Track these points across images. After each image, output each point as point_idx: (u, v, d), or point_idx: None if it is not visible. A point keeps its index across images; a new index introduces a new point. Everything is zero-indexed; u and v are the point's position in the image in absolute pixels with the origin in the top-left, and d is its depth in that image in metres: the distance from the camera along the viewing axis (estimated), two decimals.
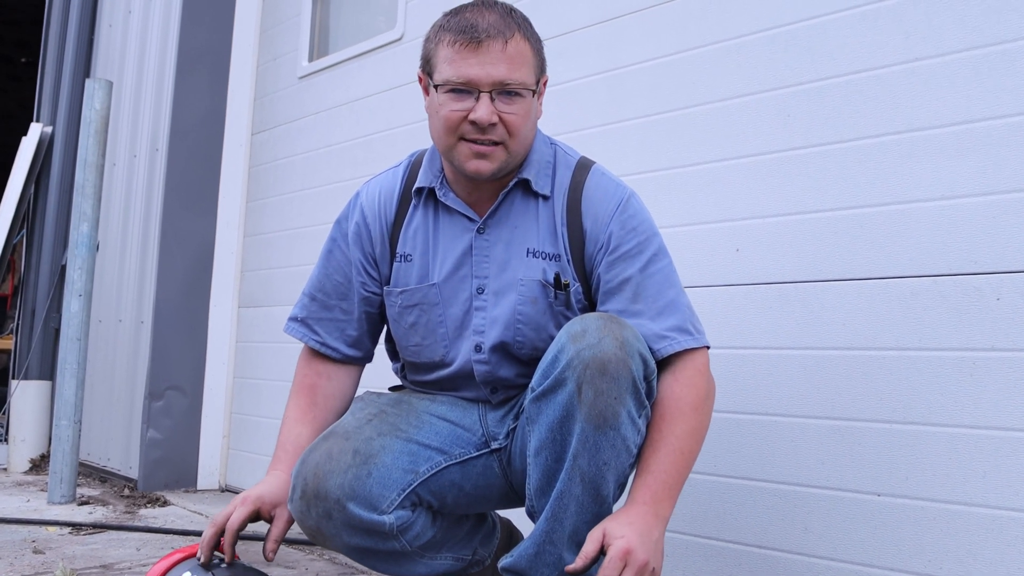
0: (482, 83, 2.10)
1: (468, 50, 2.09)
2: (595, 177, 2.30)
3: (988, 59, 2.34)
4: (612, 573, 1.88)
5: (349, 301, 2.41)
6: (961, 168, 2.35)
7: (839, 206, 2.57)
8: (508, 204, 2.28)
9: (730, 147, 2.83)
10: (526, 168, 2.26)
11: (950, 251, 2.36)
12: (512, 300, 2.25)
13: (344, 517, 2.10)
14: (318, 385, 2.43)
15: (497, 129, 2.13)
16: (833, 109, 2.61)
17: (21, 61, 13.00)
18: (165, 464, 4.81)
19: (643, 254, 2.20)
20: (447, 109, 2.14)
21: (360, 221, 2.39)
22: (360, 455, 2.14)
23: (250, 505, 2.19)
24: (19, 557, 3.20)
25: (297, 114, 4.84)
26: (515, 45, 2.11)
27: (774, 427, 2.65)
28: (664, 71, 3.05)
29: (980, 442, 2.27)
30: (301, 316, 2.46)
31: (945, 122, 2.39)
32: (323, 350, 2.43)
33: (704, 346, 2.17)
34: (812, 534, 2.54)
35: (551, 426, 2.00)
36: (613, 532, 1.93)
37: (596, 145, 3.15)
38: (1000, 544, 2.22)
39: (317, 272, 2.46)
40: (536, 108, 2.22)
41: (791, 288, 2.65)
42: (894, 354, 2.43)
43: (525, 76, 2.13)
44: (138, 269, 5.09)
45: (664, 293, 2.18)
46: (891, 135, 2.49)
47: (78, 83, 5.80)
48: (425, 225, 2.33)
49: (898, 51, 2.50)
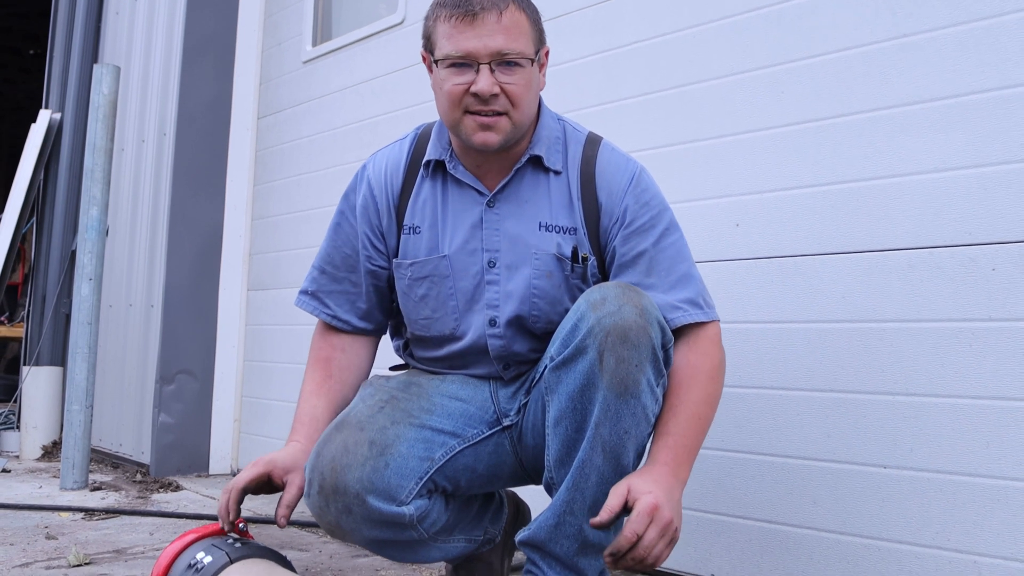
0: (480, 55, 2.11)
1: (464, 23, 2.10)
2: (606, 152, 2.31)
3: (973, 34, 2.35)
4: (639, 527, 1.87)
5: (357, 274, 2.41)
6: (952, 141, 2.36)
7: (835, 180, 2.58)
8: (519, 179, 2.29)
9: (727, 124, 2.84)
10: (536, 144, 2.27)
11: (944, 223, 2.36)
12: (527, 274, 2.25)
13: (364, 511, 2.09)
14: (333, 358, 2.42)
15: (499, 100, 2.14)
16: (826, 85, 2.62)
17: (30, 53, 13.02)
18: (177, 449, 4.82)
19: (656, 228, 2.23)
20: (449, 84, 2.15)
21: (367, 193, 2.39)
22: (376, 446, 2.12)
23: (261, 467, 2.20)
24: (32, 543, 3.21)
25: (302, 98, 4.85)
26: (511, 16, 2.12)
27: (779, 401, 2.66)
28: (660, 50, 3.05)
29: (982, 412, 2.27)
30: (311, 289, 2.46)
31: (934, 96, 2.41)
32: (335, 323, 2.43)
33: (715, 320, 2.19)
34: (821, 508, 2.55)
35: (572, 395, 2.00)
36: (639, 488, 1.93)
37: (594, 124, 3.11)
38: (1006, 514, 2.22)
39: (326, 245, 2.45)
40: (538, 79, 2.23)
41: (791, 262, 2.66)
42: (894, 326, 2.44)
43: (523, 46, 2.14)
44: (147, 253, 5.11)
45: (677, 267, 2.20)
46: (883, 110, 2.50)
47: (86, 69, 5.81)
48: (434, 197, 2.33)
49: (887, 28, 2.51)
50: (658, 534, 1.90)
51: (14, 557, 2.99)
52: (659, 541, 1.90)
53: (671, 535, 1.93)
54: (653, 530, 1.89)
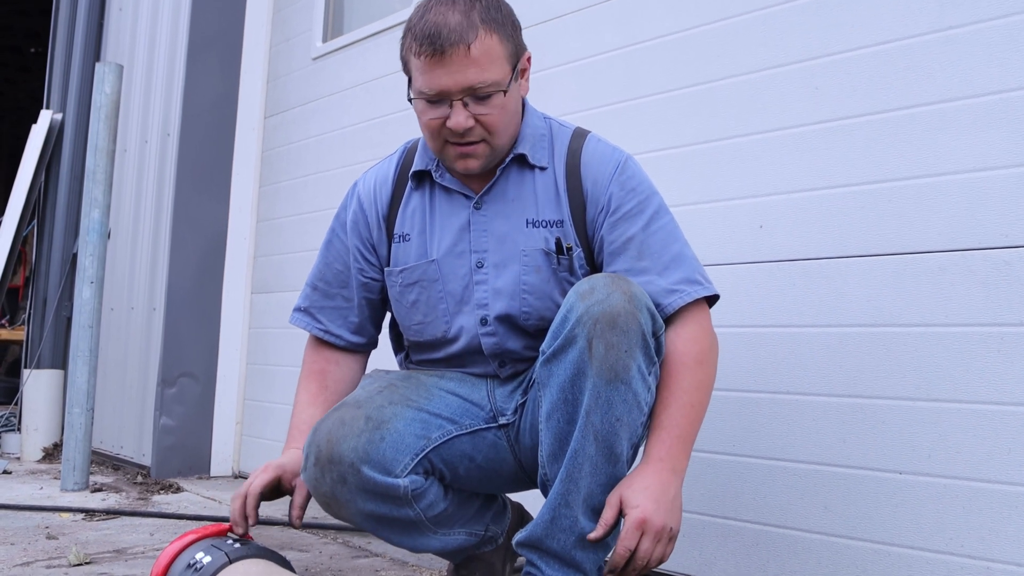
0: (452, 92, 2.13)
1: (434, 62, 2.11)
2: (592, 143, 2.34)
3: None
4: (630, 544, 1.95)
5: (349, 289, 2.48)
6: (994, 139, 2.30)
7: (866, 180, 2.53)
8: (504, 179, 2.32)
9: (755, 121, 2.79)
10: (520, 143, 2.31)
11: (980, 225, 2.31)
12: (515, 271, 2.28)
13: (359, 481, 2.11)
14: (327, 371, 2.50)
15: (475, 131, 2.17)
16: (863, 80, 2.56)
17: (31, 51, 13.01)
18: (178, 451, 4.80)
19: (644, 213, 2.24)
20: (427, 117, 2.19)
21: (357, 209, 2.45)
22: (372, 421, 2.15)
23: (272, 472, 2.26)
24: (33, 542, 3.21)
25: (311, 96, 4.81)
26: (479, 45, 2.11)
27: (795, 406, 2.62)
28: (685, 45, 3.00)
29: (1006, 418, 2.23)
30: (304, 306, 2.53)
31: (978, 92, 2.34)
32: (327, 338, 2.50)
33: (714, 294, 2.21)
34: (832, 513, 2.52)
35: (562, 386, 2.01)
36: (629, 500, 1.98)
37: (615, 122, 3.12)
38: (1023, 521, 2.18)
39: (318, 262, 2.53)
40: (517, 93, 2.25)
41: (815, 265, 2.61)
42: (919, 330, 2.39)
43: (495, 74, 2.14)
44: (150, 256, 5.08)
45: (668, 248, 2.21)
46: (922, 106, 2.44)
47: (88, 68, 5.79)
48: (422, 205, 2.38)
49: (932, 19, 2.44)
50: (651, 544, 1.97)
51: (15, 556, 2.99)
52: (654, 549, 1.98)
53: (667, 537, 2.00)
54: (646, 541, 1.97)
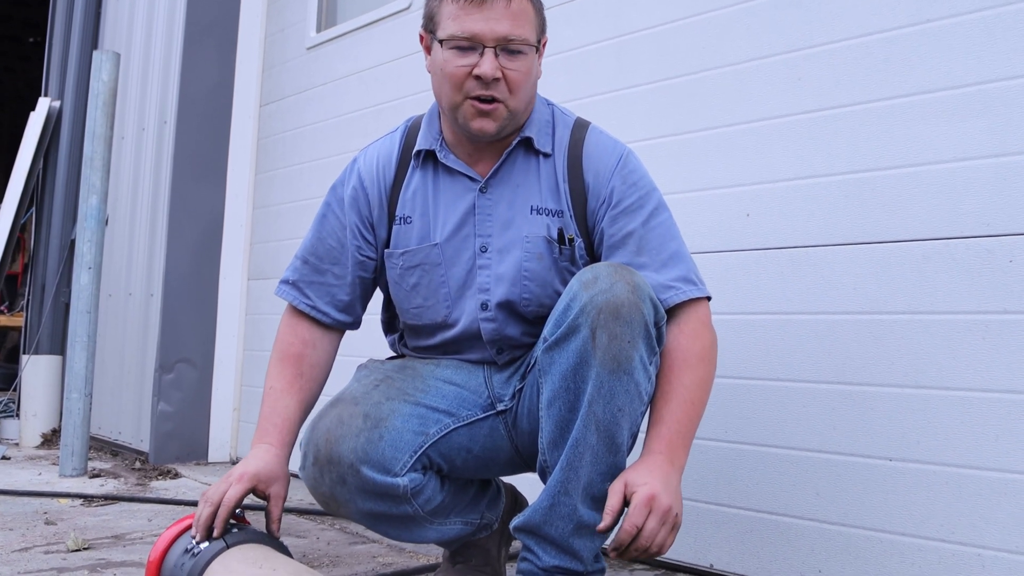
0: (486, 38, 2.12)
1: (473, 6, 2.12)
2: (594, 135, 2.33)
3: (1001, 19, 2.31)
4: (638, 520, 1.91)
5: (342, 266, 2.40)
6: (973, 130, 2.33)
7: (850, 169, 2.55)
8: (510, 163, 2.30)
9: (741, 111, 2.81)
10: (528, 126, 2.29)
11: (962, 214, 2.34)
12: (517, 257, 2.26)
13: (358, 481, 2.10)
14: (304, 355, 2.38)
15: (500, 85, 2.15)
16: (845, 72, 2.59)
17: (30, 41, 12.97)
18: (176, 437, 4.82)
19: (644, 208, 2.23)
20: (452, 65, 2.16)
21: (357, 185, 2.39)
22: (371, 419, 2.14)
23: (247, 483, 2.14)
24: (31, 528, 3.22)
25: (305, 85, 4.82)
26: (519, 3, 2.15)
27: (785, 392, 2.64)
28: (673, 36, 3.02)
29: (993, 405, 2.25)
30: (292, 279, 2.43)
31: (957, 83, 2.37)
32: (313, 313, 2.40)
33: (706, 296, 2.20)
34: (823, 499, 2.53)
35: (565, 374, 2.00)
36: (635, 480, 1.95)
37: (605, 111, 3.13)
38: (1012, 507, 2.21)
39: (310, 236, 2.44)
40: (536, 67, 2.25)
41: (802, 252, 2.64)
42: (905, 318, 2.42)
43: (528, 33, 2.16)
44: (147, 242, 5.09)
45: (667, 245, 2.21)
46: (903, 97, 2.47)
47: (86, 56, 5.78)
48: (424, 187, 2.34)
49: (910, 12, 2.47)
50: (658, 523, 1.92)
51: (13, 542, 3.00)
52: (660, 529, 1.93)
53: (672, 522, 1.95)
54: (652, 520, 1.92)
